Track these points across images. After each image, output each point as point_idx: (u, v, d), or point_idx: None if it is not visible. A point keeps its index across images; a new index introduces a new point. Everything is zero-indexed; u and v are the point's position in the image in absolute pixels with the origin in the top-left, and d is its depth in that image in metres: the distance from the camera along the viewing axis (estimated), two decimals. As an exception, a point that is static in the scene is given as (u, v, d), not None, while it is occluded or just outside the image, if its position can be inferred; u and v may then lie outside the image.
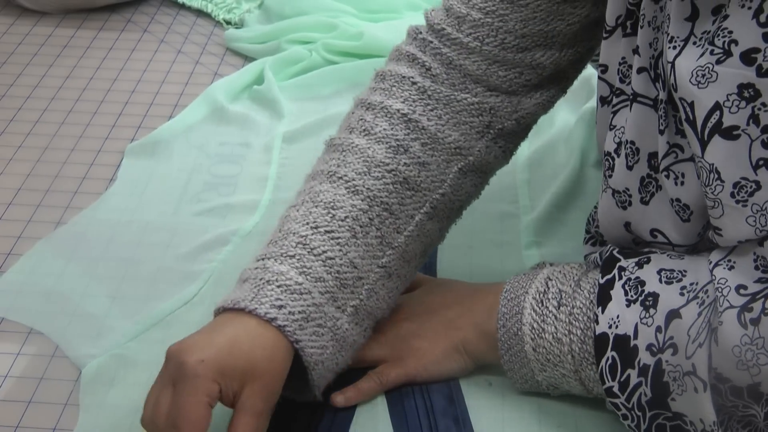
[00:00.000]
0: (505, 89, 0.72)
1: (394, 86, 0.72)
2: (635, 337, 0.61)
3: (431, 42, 0.73)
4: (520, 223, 0.89)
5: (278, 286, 0.64)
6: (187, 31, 1.23)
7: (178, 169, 0.96)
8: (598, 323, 0.63)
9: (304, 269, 0.66)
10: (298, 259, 0.66)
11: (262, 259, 0.67)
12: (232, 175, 0.95)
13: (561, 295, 0.66)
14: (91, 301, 0.80)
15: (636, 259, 0.64)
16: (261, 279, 0.65)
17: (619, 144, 0.65)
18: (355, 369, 0.71)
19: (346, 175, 0.69)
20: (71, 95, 1.09)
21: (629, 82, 0.65)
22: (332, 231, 0.67)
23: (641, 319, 0.61)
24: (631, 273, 0.63)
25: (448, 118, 0.71)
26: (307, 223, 0.68)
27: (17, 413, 0.71)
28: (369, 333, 0.70)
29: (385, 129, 0.71)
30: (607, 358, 0.62)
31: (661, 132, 0.61)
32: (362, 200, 0.69)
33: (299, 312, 0.64)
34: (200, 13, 1.27)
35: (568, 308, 0.65)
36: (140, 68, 1.14)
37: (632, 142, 0.64)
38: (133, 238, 0.87)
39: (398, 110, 0.71)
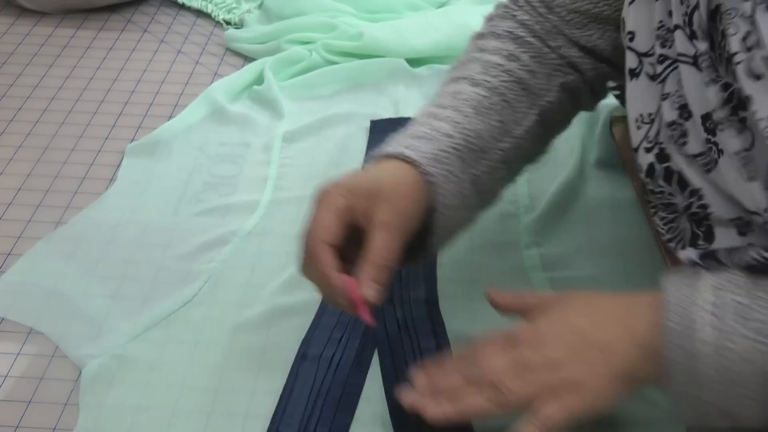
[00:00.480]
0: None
1: (499, 20, 0.78)
2: None
3: (516, 1, 0.78)
4: (520, 223, 0.89)
5: (408, 137, 0.70)
6: (187, 31, 1.23)
7: (177, 169, 0.96)
8: None
9: (433, 127, 0.71)
10: (425, 124, 0.71)
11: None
12: (231, 175, 0.95)
13: (742, 308, 0.58)
14: (91, 301, 0.80)
15: None
16: (393, 139, 0.71)
17: (681, 108, 0.63)
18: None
19: (466, 75, 0.75)
20: (71, 95, 1.09)
21: (671, 45, 0.63)
22: (456, 106, 0.72)
23: None
24: None
25: (546, 46, 0.76)
26: (434, 105, 0.73)
27: (17, 413, 0.71)
28: (473, 222, 0.73)
29: (496, 44, 0.76)
30: None
31: (710, 83, 0.59)
32: (483, 90, 0.73)
33: (430, 152, 0.68)
34: (200, 13, 1.27)
35: (755, 323, 0.57)
36: (140, 68, 1.14)
37: (684, 106, 0.62)
38: (133, 238, 0.87)
39: (505, 30, 0.76)
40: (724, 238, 0.63)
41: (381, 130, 1.00)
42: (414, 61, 1.12)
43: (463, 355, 0.66)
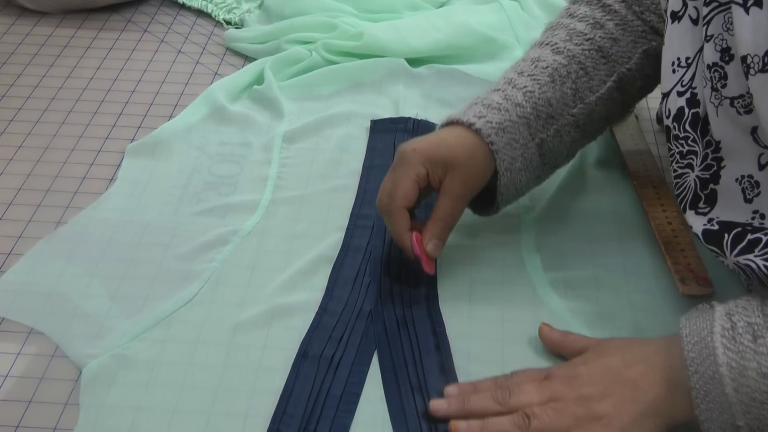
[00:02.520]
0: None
1: None
2: None
3: None
4: (520, 223, 0.89)
5: (482, 105, 0.79)
6: (187, 31, 1.23)
7: (178, 169, 0.96)
8: None
9: (506, 96, 0.79)
10: (502, 90, 0.80)
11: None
12: (232, 175, 0.95)
13: (753, 328, 0.61)
14: (91, 301, 0.80)
15: None
16: (471, 103, 0.81)
17: (724, 50, 0.65)
18: None
19: (551, 41, 0.83)
20: (71, 95, 1.09)
21: None
22: (534, 74, 0.80)
23: None
24: None
25: (632, 11, 0.82)
26: (515, 71, 0.82)
27: (17, 413, 0.71)
28: (544, 178, 0.83)
29: (585, 11, 0.84)
30: None
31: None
32: (563, 58, 0.81)
33: (497, 123, 0.77)
34: (200, 13, 1.27)
35: (766, 339, 0.60)
36: (140, 68, 1.14)
37: (727, 49, 0.64)
38: (133, 238, 0.87)
39: None
40: (727, 204, 0.67)
41: (381, 130, 1.00)
42: (414, 61, 1.12)
43: (498, 382, 0.69)
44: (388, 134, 1.00)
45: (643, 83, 0.84)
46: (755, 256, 0.64)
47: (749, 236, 0.65)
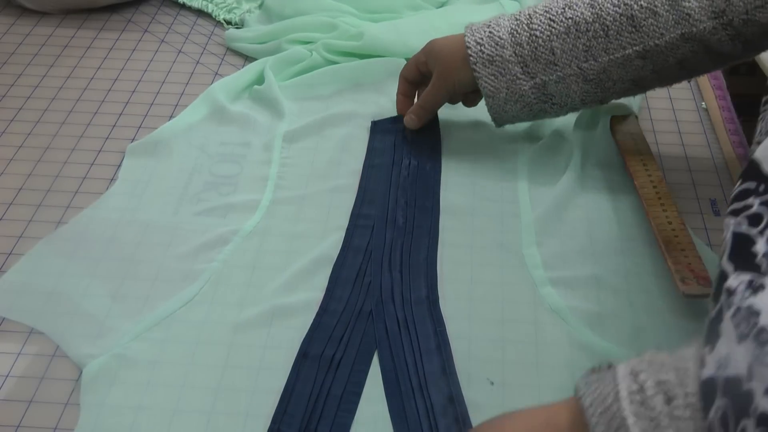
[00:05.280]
0: None
1: None
2: (750, 379, 0.46)
3: None
4: (520, 223, 0.89)
5: (488, 32, 0.88)
6: (187, 31, 1.23)
7: (178, 169, 0.96)
8: (704, 366, 0.50)
9: (513, 31, 0.87)
10: (517, 22, 0.87)
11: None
12: (232, 175, 0.95)
13: (665, 388, 0.51)
14: (91, 301, 0.80)
15: (749, 278, 0.50)
16: (495, 17, 0.89)
17: None
18: None
19: None
20: (71, 95, 1.09)
21: None
22: (554, 20, 0.85)
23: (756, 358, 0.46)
24: (742, 301, 0.49)
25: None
26: (543, 7, 0.87)
27: (18, 413, 0.71)
28: (555, 114, 0.91)
29: None
30: (717, 408, 0.48)
31: None
32: (591, 14, 0.84)
33: (487, 55, 0.88)
34: (200, 13, 1.27)
35: (681, 400, 0.51)
36: (140, 68, 1.14)
37: None
38: (133, 238, 0.87)
39: None
40: None
41: (382, 130, 1.00)
42: (414, 61, 1.12)
43: None
44: (389, 134, 1.00)
45: (683, 66, 0.84)
46: None
47: None
